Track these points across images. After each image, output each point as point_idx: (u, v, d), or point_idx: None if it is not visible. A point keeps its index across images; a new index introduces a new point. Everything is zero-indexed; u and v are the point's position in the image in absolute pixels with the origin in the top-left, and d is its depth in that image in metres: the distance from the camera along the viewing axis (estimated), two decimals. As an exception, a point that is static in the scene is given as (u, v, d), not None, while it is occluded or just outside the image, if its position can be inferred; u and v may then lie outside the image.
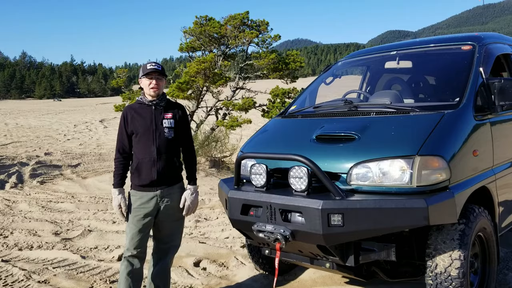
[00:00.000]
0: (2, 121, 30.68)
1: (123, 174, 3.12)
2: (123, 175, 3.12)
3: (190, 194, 3.14)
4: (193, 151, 3.27)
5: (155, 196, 3.04)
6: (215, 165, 11.38)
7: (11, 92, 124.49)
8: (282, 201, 2.75)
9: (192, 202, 3.15)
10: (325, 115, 3.42)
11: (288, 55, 12.29)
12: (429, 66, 4.07)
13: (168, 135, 3.08)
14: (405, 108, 3.15)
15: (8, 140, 18.66)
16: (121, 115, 3.14)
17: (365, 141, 2.88)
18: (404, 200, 2.55)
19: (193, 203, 3.16)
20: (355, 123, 3.11)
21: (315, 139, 3.08)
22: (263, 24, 12.14)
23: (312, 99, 4.17)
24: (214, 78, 11.23)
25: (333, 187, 2.63)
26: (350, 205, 2.57)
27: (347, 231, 2.57)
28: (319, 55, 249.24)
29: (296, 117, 3.62)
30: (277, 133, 3.49)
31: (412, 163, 2.64)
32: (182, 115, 3.19)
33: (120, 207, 3.06)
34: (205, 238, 5.19)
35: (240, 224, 3.05)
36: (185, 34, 12.38)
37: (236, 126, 10.79)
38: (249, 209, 2.96)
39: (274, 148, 3.25)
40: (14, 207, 7.37)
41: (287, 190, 2.84)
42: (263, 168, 2.94)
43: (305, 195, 2.71)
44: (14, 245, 5.12)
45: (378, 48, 4.37)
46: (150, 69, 3.02)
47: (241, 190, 3.05)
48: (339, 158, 2.85)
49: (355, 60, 4.43)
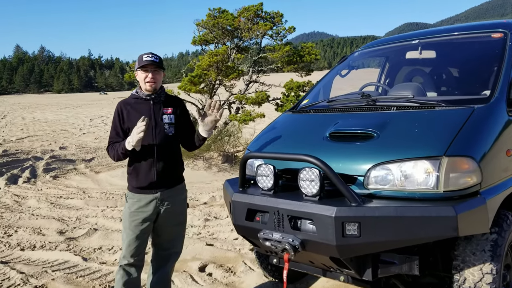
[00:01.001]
0: (20, 115, 31.06)
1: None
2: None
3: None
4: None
5: (154, 199, 2.78)
6: (227, 160, 11.18)
7: (30, 86, 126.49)
8: (291, 207, 2.46)
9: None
10: (340, 110, 3.10)
11: (303, 47, 11.97)
12: (455, 56, 3.71)
13: (169, 132, 2.82)
14: (429, 102, 2.81)
15: (24, 134, 18.83)
16: (114, 111, 2.88)
17: (385, 139, 2.57)
18: (429, 207, 2.23)
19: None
20: (374, 119, 2.79)
21: (329, 136, 2.77)
22: (277, 16, 11.85)
23: (326, 92, 3.86)
24: (226, 71, 11.02)
25: (348, 192, 2.33)
26: (367, 212, 2.27)
27: (364, 242, 2.27)
28: (335, 48, 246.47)
29: (308, 112, 3.31)
30: (287, 130, 3.19)
31: (438, 165, 2.33)
32: (182, 109, 2.93)
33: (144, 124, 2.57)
34: (213, 239, 4.94)
35: (245, 231, 2.78)
36: (198, 26, 12.20)
37: (249, 120, 10.56)
38: (255, 215, 2.68)
39: (283, 146, 2.95)
40: (23, 203, 7.28)
41: (297, 194, 2.55)
42: (270, 169, 2.65)
43: (317, 200, 2.42)
44: (17, 244, 4.97)
45: (398, 37, 4.02)
46: (146, 61, 2.75)
47: (246, 193, 2.77)
48: (355, 158, 2.55)
49: (373, 50, 4.08)
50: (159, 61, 2.80)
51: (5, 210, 6.79)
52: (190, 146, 2.99)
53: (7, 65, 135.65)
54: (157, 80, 2.80)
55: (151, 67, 2.77)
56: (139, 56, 2.81)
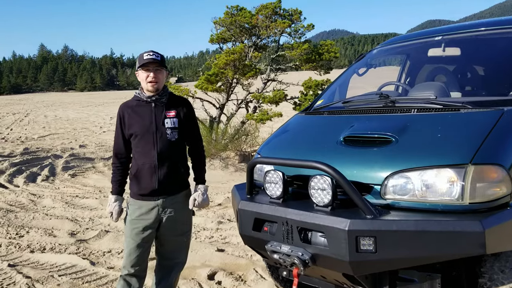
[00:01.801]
0: (42, 113, 31.63)
1: (122, 180, 2.75)
2: (121, 181, 2.74)
3: (201, 193, 2.73)
4: (202, 153, 2.85)
5: (156, 206, 2.64)
6: (244, 160, 11.04)
7: (54, 84, 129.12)
8: (301, 217, 2.28)
9: (202, 202, 2.73)
10: (356, 112, 2.89)
11: (322, 45, 11.75)
12: (482, 53, 3.46)
13: (171, 137, 2.65)
14: (454, 104, 2.58)
15: (46, 132, 19.11)
16: (116, 115, 2.74)
17: (405, 144, 2.36)
18: (453, 221, 2.02)
19: (203, 203, 2.74)
20: (392, 122, 2.58)
21: (343, 141, 2.57)
22: (295, 13, 11.65)
23: (342, 92, 3.65)
24: (244, 69, 10.88)
25: (363, 203, 2.13)
26: (384, 226, 2.07)
27: (381, 258, 2.07)
28: (356, 46, 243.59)
29: (322, 114, 3.11)
30: (299, 133, 3.00)
31: (464, 174, 2.10)
32: (187, 112, 2.76)
33: (111, 215, 2.70)
34: (225, 244, 4.79)
35: (251, 242, 2.61)
36: (216, 24, 12.11)
37: (266, 119, 10.41)
38: (263, 224, 2.51)
39: (294, 151, 2.76)
40: (38, 203, 7.28)
41: (307, 203, 2.36)
42: (279, 176, 2.47)
43: (329, 211, 2.23)
44: (27, 246, 4.92)
45: (420, 33, 3.77)
46: (148, 59, 2.59)
47: (254, 200, 2.59)
48: (372, 165, 2.34)
49: (393, 48, 3.84)
50: (161, 59, 2.64)
51: (20, 210, 6.79)
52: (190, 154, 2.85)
53: (32, 64, 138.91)
54: (159, 80, 2.65)
55: (153, 65, 2.61)
56: (140, 55, 2.66)
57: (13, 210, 6.78)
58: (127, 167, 2.76)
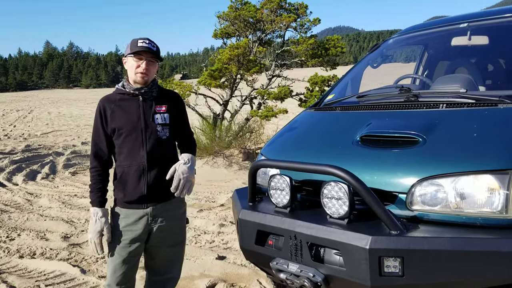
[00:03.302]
0: (46, 110, 31.49)
1: (104, 188, 2.36)
2: (103, 189, 2.36)
3: (183, 163, 2.29)
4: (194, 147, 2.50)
5: (145, 215, 2.30)
6: (248, 158, 10.73)
7: (59, 81, 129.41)
8: (312, 231, 1.93)
9: (184, 173, 2.26)
10: (373, 108, 2.53)
11: (328, 40, 11.41)
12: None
13: (162, 135, 2.32)
14: (490, 98, 2.22)
15: (49, 128, 18.95)
16: (96, 110, 2.40)
17: (434, 145, 2.00)
18: (497, 239, 1.67)
19: (186, 175, 2.27)
20: (417, 119, 2.22)
21: (360, 141, 2.22)
22: (301, 7, 11.32)
23: (354, 86, 3.29)
24: (248, 65, 10.59)
25: (388, 216, 1.78)
26: (414, 244, 1.72)
27: (409, 283, 1.72)
28: (361, 43, 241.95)
29: (334, 110, 2.74)
30: (309, 132, 2.64)
31: (507, 182, 1.75)
32: (178, 106, 2.42)
33: (100, 235, 2.31)
34: (226, 249, 4.45)
35: (254, 257, 2.26)
36: (220, 19, 11.83)
37: (271, 116, 10.11)
38: (267, 237, 2.16)
39: (303, 152, 2.41)
40: (35, 203, 7.01)
41: (319, 214, 2.01)
42: (286, 182, 2.12)
43: (345, 224, 1.88)
44: (17, 251, 4.62)
45: (442, 21, 3.40)
46: (142, 47, 2.25)
47: (256, 209, 2.24)
48: (395, 170, 1.99)
49: (411, 37, 3.46)
50: (157, 50, 2.30)
51: (15, 210, 6.52)
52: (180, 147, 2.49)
53: (38, 60, 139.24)
54: (150, 72, 2.30)
55: (147, 55, 2.27)
56: (132, 40, 2.31)
57: (8, 210, 6.51)
58: (107, 172, 2.40)
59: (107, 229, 2.31)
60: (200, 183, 8.33)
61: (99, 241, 2.31)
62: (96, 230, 2.30)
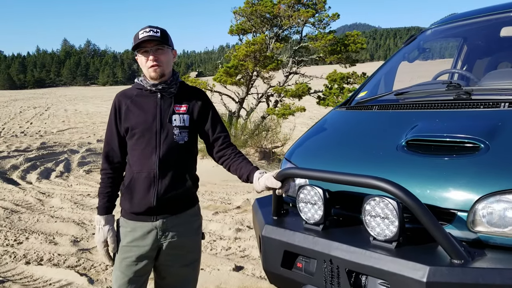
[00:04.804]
0: (63, 107, 31.69)
1: (113, 193, 2.11)
2: (112, 195, 2.11)
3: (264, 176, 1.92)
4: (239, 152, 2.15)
5: (154, 229, 2.00)
6: (265, 157, 10.45)
7: (77, 79, 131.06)
8: (352, 256, 1.60)
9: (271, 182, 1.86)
10: (417, 106, 2.18)
11: (348, 35, 11.05)
12: None
13: (179, 139, 2.01)
14: None
15: (65, 126, 19.00)
16: (111, 105, 2.12)
17: (499, 153, 1.65)
18: None
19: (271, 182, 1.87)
20: (475, 120, 1.87)
21: (406, 146, 1.88)
22: (320, 2, 10.98)
23: (388, 82, 2.95)
24: (265, 61, 10.31)
25: (449, 242, 1.44)
26: (482, 277, 1.38)
27: (477, 327, 1.38)
28: (377, 40, 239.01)
29: (370, 109, 2.40)
30: (342, 134, 2.30)
31: None
32: (203, 107, 2.10)
33: (105, 245, 2.06)
34: (243, 258, 4.15)
35: (280, 282, 1.93)
36: (236, 15, 11.59)
37: (289, 114, 9.83)
38: (295, 259, 1.84)
39: (337, 158, 2.07)
40: (46, 203, 6.84)
41: (360, 234, 1.69)
42: (318, 195, 1.79)
43: (393, 248, 1.55)
44: (23, 256, 4.39)
45: (488, 9, 3.02)
46: (144, 37, 1.94)
47: (283, 225, 1.92)
48: (453, 182, 1.64)
49: (453, 27, 3.08)
50: (162, 35, 1.98)
51: (26, 210, 6.34)
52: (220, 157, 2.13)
53: (55, 58, 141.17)
54: (162, 62, 1.99)
55: (151, 44, 1.97)
56: (135, 34, 2.01)
57: (18, 210, 6.34)
58: (120, 176, 2.13)
59: (111, 238, 2.05)
60: (215, 183, 8.06)
61: (104, 252, 2.07)
62: (99, 240, 2.06)
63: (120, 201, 2.08)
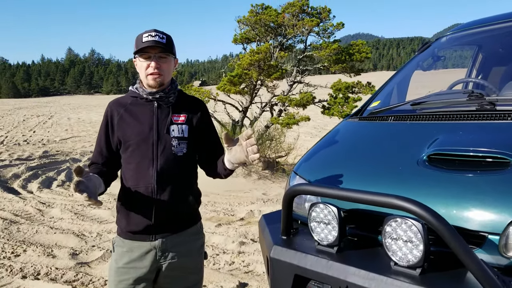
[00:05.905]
0: (66, 115, 31.69)
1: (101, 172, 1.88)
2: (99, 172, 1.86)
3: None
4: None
5: (153, 249, 1.85)
6: (269, 167, 10.30)
7: (81, 87, 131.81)
8: (371, 284, 1.44)
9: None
10: (437, 118, 2.04)
11: (352, 45, 10.96)
12: None
13: (178, 151, 1.87)
14: None
15: (68, 134, 18.94)
16: (103, 114, 1.98)
17: (532, 169, 1.50)
18: None
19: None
20: (502, 133, 1.72)
21: (427, 160, 1.73)
22: (324, 11, 10.93)
23: (401, 92, 2.81)
24: (269, 70, 10.23)
25: (482, 271, 1.28)
26: (521, 312, 1.22)
27: None
28: (380, 50, 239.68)
29: (385, 120, 2.25)
30: (355, 146, 2.15)
31: None
32: (202, 117, 1.97)
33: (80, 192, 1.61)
34: (247, 274, 3.99)
35: (290, 309, 1.78)
36: (240, 24, 11.54)
37: (293, 124, 9.70)
38: (307, 284, 1.68)
39: (352, 173, 1.91)
40: (46, 213, 6.70)
41: (379, 258, 1.53)
42: (332, 214, 1.64)
43: (417, 276, 1.40)
44: (20, 269, 4.24)
45: (503, 16, 2.88)
46: (148, 42, 1.81)
47: (293, 247, 1.77)
48: (482, 201, 1.49)
49: (467, 34, 2.94)
50: (167, 42, 1.86)
51: (25, 221, 6.20)
52: (210, 170, 2.02)
53: (60, 67, 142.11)
54: (164, 71, 1.87)
55: (155, 51, 1.84)
56: (137, 37, 1.88)
57: (18, 221, 6.21)
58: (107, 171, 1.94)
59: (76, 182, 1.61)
60: (218, 193, 7.92)
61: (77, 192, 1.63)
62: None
63: (116, 219, 1.94)
